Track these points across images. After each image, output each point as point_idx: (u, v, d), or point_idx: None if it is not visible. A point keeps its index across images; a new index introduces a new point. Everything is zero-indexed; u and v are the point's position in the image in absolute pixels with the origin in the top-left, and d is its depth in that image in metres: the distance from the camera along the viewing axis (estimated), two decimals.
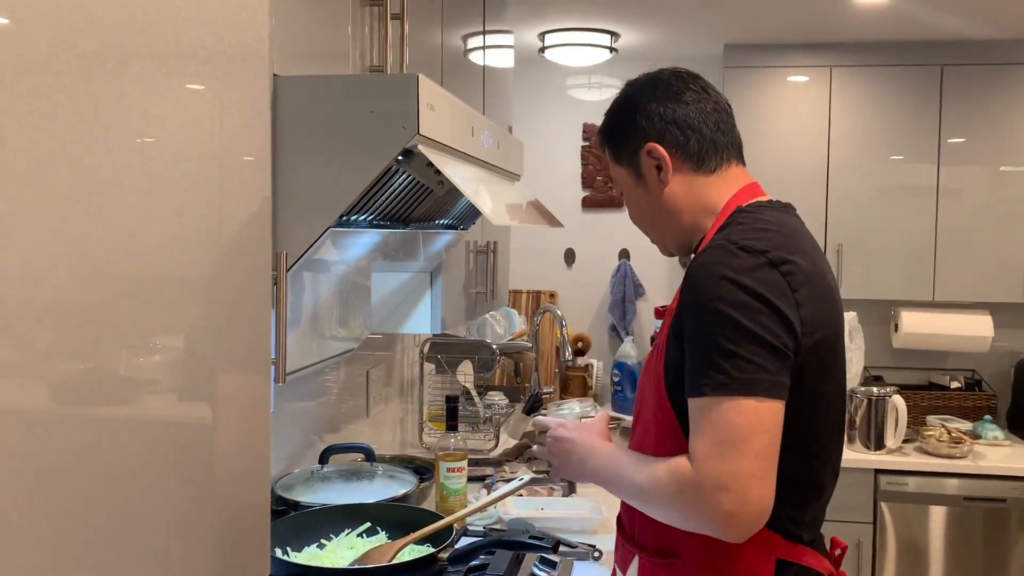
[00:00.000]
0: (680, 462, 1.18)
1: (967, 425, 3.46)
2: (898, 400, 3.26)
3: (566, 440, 1.41)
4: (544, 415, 1.61)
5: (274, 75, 1.14)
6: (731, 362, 1.14)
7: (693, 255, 1.36)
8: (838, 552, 1.35)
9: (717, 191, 1.36)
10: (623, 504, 1.42)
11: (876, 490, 3.26)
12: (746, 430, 1.13)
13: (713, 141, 1.36)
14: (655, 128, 1.36)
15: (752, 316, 1.15)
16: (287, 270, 1.10)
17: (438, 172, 1.27)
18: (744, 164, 1.43)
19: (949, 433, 3.29)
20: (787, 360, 1.17)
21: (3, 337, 0.56)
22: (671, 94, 1.37)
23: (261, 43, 0.90)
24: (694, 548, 1.26)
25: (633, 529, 1.38)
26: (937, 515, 3.25)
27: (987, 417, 3.51)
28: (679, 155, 1.35)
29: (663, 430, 1.28)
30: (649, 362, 1.36)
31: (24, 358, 0.58)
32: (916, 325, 3.58)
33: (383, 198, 1.41)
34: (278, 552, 1.62)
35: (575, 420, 1.53)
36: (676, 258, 3.44)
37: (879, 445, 3.28)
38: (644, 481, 1.23)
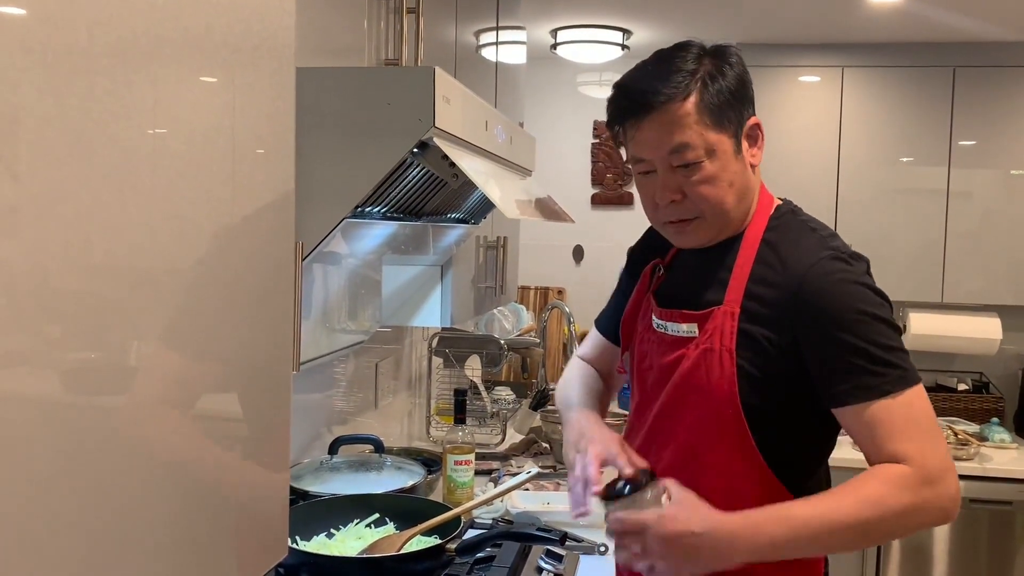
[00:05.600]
0: (894, 471, 1.17)
1: (974, 427, 3.45)
2: None
3: (685, 536, 1.13)
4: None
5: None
6: (897, 356, 1.19)
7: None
8: None
9: (759, 181, 1.39)
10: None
11: None
12: (930, 411, 1.19)
13: None
14: (752, 102, 1.35)
15: (890, 314, 1.22)
16: (303, 260, 1.11)
17: (453, 165, 1.28)
18: None
19: (956, 435, 3.29)
20: None
21: (15, 326, 0.56)
22: (747, 70, 1.36)
23: (288, 34, 0.91)
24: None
25: None
26: None
27: (994, 420, 3.51)
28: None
29: (730, 439, 1.25)
30: (698, 369, 1.28)
31: (38, 347, 0.58)
32: (924, 326, 3.58)
33: (397, 190, 1.42)
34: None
35: (633, 500, 1.19)
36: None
37: None
38: (867, 512, 1.15)
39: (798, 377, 1.23)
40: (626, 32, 3.47)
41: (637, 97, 1.29)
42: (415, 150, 1.26)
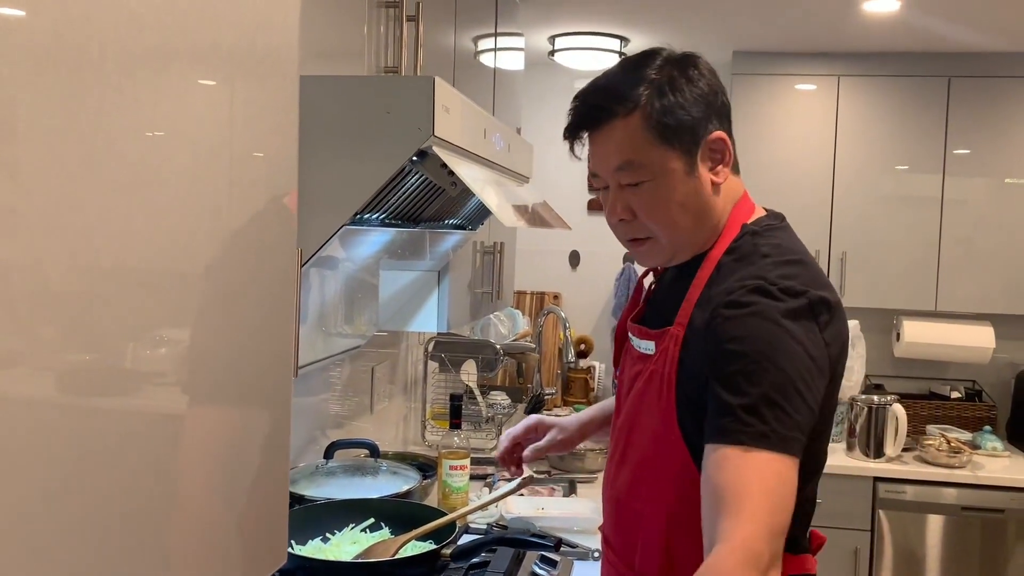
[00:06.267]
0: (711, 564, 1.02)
1: (967, 435, 3.47)
2: (898, 409, 3.27)
3: None
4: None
5: None
6: (776, 414, 1.05)
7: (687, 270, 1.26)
8: (816, 544, 1.35)
9: (733, 196, 1.28)
10: (612, 524, 1.34)
11: (875, 498, 3.28)
12: (783, 490, 1.05)
13: None
14: (723, 116, 1.24)
15: (800, 365, 1.08)
16: (301, 266, 1.12)
17: (451, 173, 1.29)
18: None
19: (948, 443, 3.31)
20: (814, 406, 1.10)
21: (13, 328, 0.56)
22: (718, 80, 1.26)
23: (292, 49, 0.92)
24: None
25: (632, 557, 1.30)
26: (935, 524, 3.27)
27: (987, 428, 3.52)
28: (732, 150, 1.25)
29: (674, 467, 1.19)
30: (648, 389, 1.25)
31: (32, 347, 0.59)
32: (918, 335, 3.60)
33: (396, 197, 1.43)
34: None
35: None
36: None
37: (878, 453, 3.30)
38: None
39: None
40: (623, 40, 3.49)
41: (584, 111, 1.25)
42: (414, 158, 1.27)
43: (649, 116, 1.19)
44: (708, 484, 1.06)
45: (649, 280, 1.44)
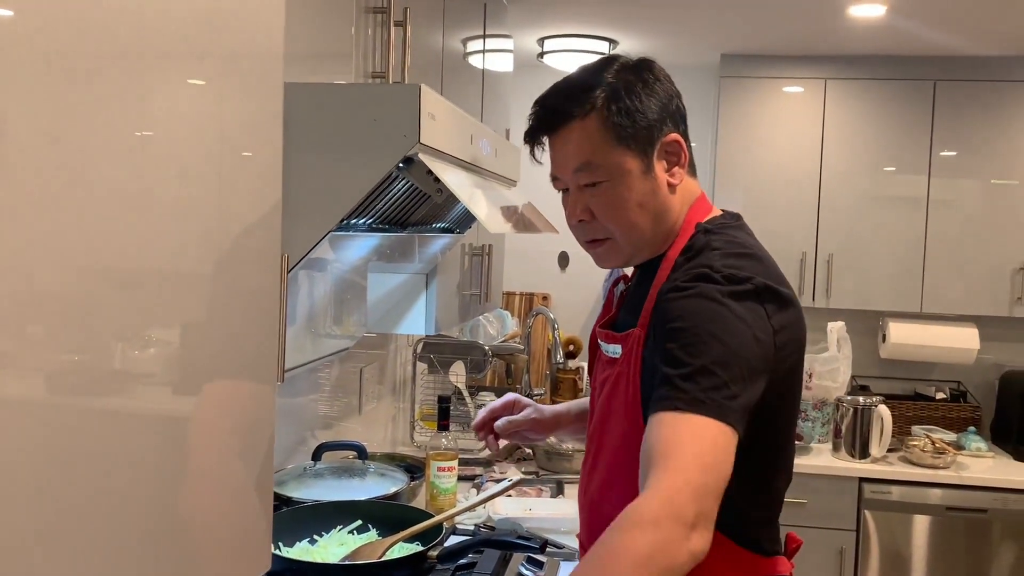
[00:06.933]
0: (631, 510, 1.00)
1: (951, 436, 3.50)
2: (883, 410, 3.30)
3: None
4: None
5: None
6: (710, 381, 1.06)
7: (639, 270, 1.31)
8: (793, 547, 1.36)
9: (690, 197, 1.31)
10: (588, 529, 1.36)
11: (860, 498, 3.30)
12: (718, 454, 1.04)
13: None
14: (678, 119, 1.27)
15: (737, 342, 1.09)
16: (288, 272, 1.13)
17: (437, 180, 1.30)
18: None
19: (933, 444, 3.34)
20: (756, 386, 1.10)
21: (2, 326, 0.57)
22: (673, 85, 1.30)
23: (276, 54, 0.93)
24: None
25: None
26: (920, 524, 3.30)
27: (971, 428, 3.56)
28: (688, 152, 1.29)
29: (638, 464, 1.14)
30: (616, 392, 1.26)
31: (19, 348, 0.59)
32: (903, 336, 3.63)
33: (383, 203, 1.44)
34: None
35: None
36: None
37: (864, 454, 3.32)
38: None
39: None
40: (612, 42, 3.50)
41: (543, 115, 1.29)
42: (400, 164, 1.28)
43: (606, 118, 1.23)
44: (643, 448, 1.05)
45: (620, 288, 1.46)
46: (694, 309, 1.11)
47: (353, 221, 1.41)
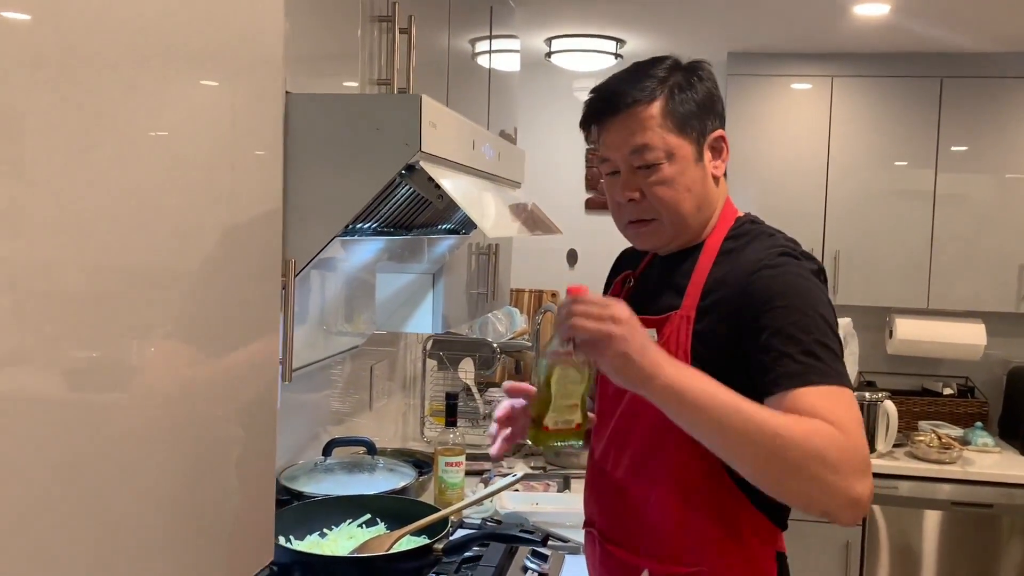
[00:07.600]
0: (828, 427, 1.10)
1: (958, 431, 3.52)
2: (889, 406, 3.32)
3: (635, 325, 1.17)
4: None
5: (286, 92, 1.21)
6: (828, 355, 1.17)
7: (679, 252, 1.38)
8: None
9: (724, 194, 1.41)
10: (612, 513, 1.40)
11: None
12: (858, 415, 1.15)
13: None
14: (722, 117, 1.40)
15: (831, 316, 1.22)
16: (295, 276, 1.18)
17: (438, 186, 1.34)
18: None
19: (940, 439, 3.36)
20: None
21: (15, 323, 0.60)
22: (718, 88, 1.42)
23: (275, 60, 0.97)
24: (717, 553, 1.28)
25: (640, 541, 1.35)
26: (927, 519, 3.32)
27: (978, 424, 3.57)
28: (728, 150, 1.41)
29: (687, 440, 1.18)
30: None
31: (35, 344, 0.62)
32: (910, 332, 3.64)
33: (387, 208, 1.48)
34: (281, 540, 1.70)
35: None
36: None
37: (870, 449, 3.34)
38: (781, 424, 1.09)
39: (747, 372, 1.21)
40: (619, 41, 3.53)
41: (607, 99, 1.38)
42: (403, 172, 1.32)
43: (669, 106, 1.34)
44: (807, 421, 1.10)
45: (630, 282, 1.50)
46: (793, 285, 1.23)
47: (359, 225, 1.46)
